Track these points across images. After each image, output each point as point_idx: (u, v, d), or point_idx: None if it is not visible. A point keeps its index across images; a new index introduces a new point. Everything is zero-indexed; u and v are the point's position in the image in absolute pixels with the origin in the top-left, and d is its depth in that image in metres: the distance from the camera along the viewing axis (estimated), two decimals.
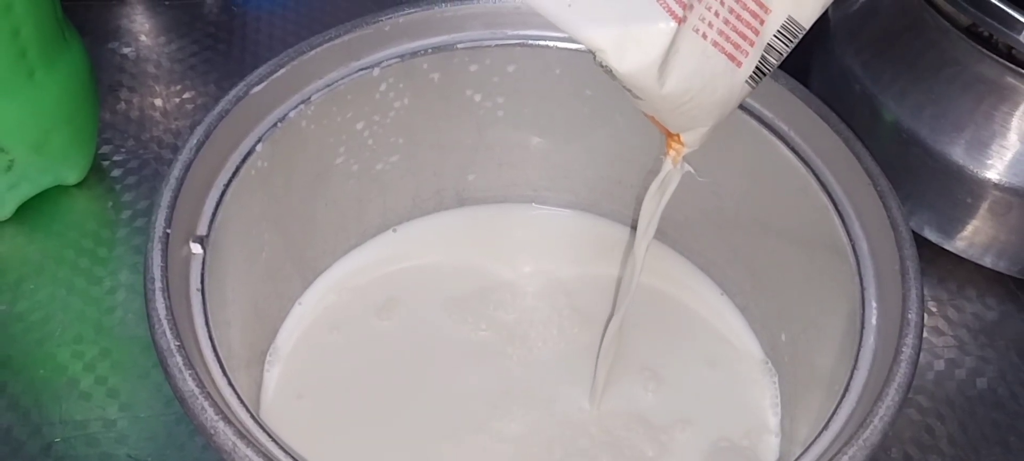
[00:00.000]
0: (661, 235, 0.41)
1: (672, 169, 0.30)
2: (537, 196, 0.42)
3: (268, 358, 0.37)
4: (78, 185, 0.44)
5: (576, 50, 0.37)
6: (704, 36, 0.26)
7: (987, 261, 0.42)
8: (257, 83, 0.33)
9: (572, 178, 0.41)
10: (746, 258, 0.37)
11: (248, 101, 0.33)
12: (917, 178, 0.41)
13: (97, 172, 0.45)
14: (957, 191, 0.41)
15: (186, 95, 0.49)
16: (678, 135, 0.29)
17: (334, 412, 0.36)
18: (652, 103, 0.27)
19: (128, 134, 0.47)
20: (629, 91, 0.27)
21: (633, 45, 0.25)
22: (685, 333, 0.39)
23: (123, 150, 0.46)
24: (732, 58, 0.27)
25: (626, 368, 0.37)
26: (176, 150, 0.47)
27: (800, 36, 0.28)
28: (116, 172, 0.45)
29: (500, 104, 0.39)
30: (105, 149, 0.46)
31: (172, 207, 0.29)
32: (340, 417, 0.35)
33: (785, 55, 0.28)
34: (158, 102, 0.49)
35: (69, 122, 0.41)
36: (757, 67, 0.27)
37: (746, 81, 0.28)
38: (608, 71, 0.26)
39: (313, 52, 0.34)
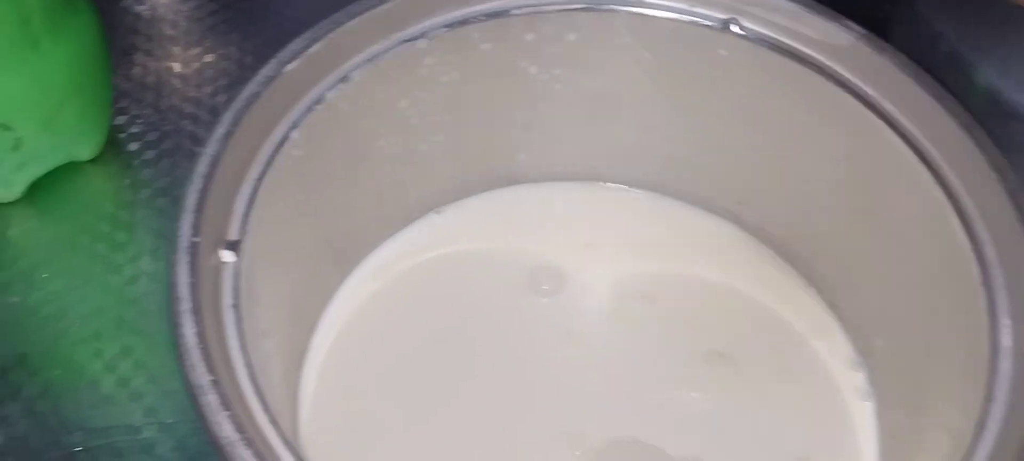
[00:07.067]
0: (740, 222, 0.37)
1: None
2: (596, 175, 0.38)
3: (309, 355, 0.33)
4: (92, 161, 0.41)
5: (647, 15, 0.33)
6: None
7: None
8: (290, 60, 0.29)
9: (635, 157, 0.37)
10: (837, 253, 0.34)
11: (280, 81, 0.29)
12: (1017, 158, 0.37)
13: (112, 146, 0.41)
14: None
15: (207, 58, 0.45)
16: None
17: (380, 407, 0.33)
18: None
19: (145, 103, 0.43)
20: None
21: None
22: (764, 329, 0.35)
23: (140, 121, 0.42)
24: None
25: (694, 370, 0.33)
26: (197, 121, 0.43)
27: None
28: (133, 146, 0.42)
29: (557, 76, 0.35)
30: (120, 120, 0.42)
31: (199, 210, 0.25)
32: (387, 413, 0.33)
33: None
34: (176, 66, 0.45)
35: (80, 93, 0.38)
36: None
37: None
38: None
39: (352, 22, 0.30)
